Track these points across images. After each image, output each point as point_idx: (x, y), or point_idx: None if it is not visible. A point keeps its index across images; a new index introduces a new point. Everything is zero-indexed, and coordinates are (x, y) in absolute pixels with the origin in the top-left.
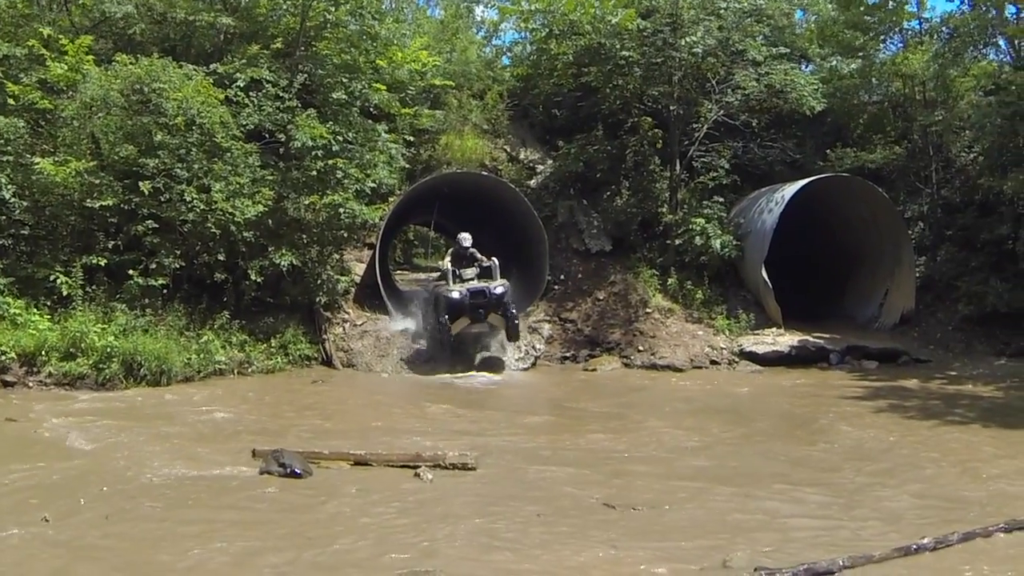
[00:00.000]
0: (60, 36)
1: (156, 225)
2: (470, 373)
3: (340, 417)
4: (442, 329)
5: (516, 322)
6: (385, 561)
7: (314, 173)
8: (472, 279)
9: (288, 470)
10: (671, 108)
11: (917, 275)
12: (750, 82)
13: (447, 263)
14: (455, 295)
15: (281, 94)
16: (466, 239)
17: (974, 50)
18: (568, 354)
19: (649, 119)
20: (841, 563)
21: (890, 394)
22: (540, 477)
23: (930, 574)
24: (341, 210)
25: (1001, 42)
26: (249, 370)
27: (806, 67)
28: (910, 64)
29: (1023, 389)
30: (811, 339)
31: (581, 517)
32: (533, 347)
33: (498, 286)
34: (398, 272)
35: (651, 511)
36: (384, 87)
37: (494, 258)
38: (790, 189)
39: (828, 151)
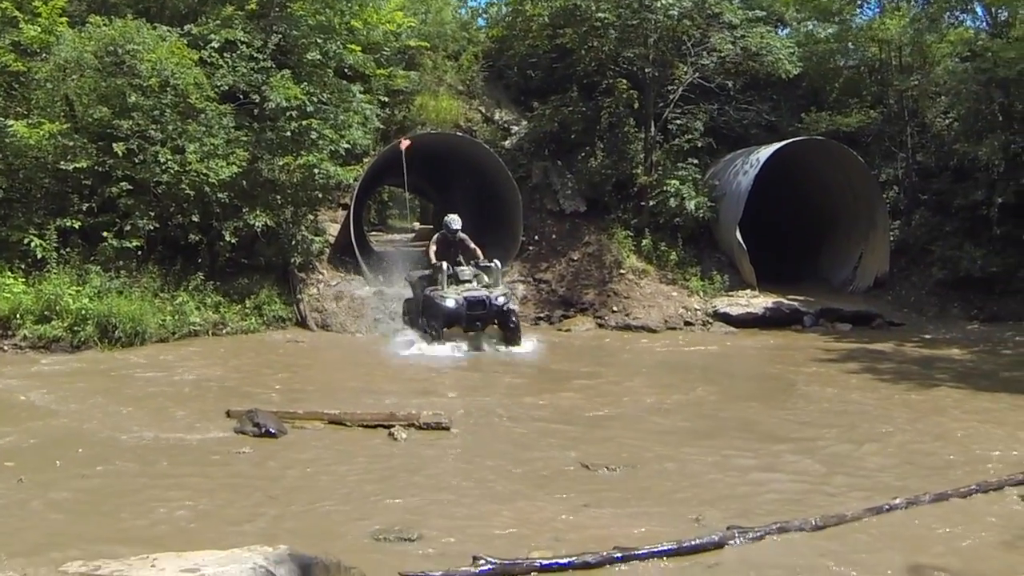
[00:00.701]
0: None
1: (130, 187)
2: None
3: (315, 377)
4: (432, 334)
5: (518, 332)
6: (358, 519)
7: (288, 134)
8: (469, 280)
9: (262, 430)
10: (646, 70)
11: (891, 239)
12: (726, 45)
13: (433, 253)
14: (451, 304)
15: (255, 55)
16: (454, 222)
17: (951, 16)
18: (542, 315)
19: (624, 81)
20: (814, 522)
21: (864, 357)
22: (515, 437)
23: (902, 533)
24: (315, 171)
25: (978, 8)
26: (224, 331)
27: (782, 31)
28: (887, 29)
29: (996, 353)
30: (785, 301)
31: (555, 476)
32: None
33: (500, 295)
34: (372, 233)
35: (626, 470)
36: (359, 48)
37: (496, 260)
38: (765, 152)
39: (803, 115)
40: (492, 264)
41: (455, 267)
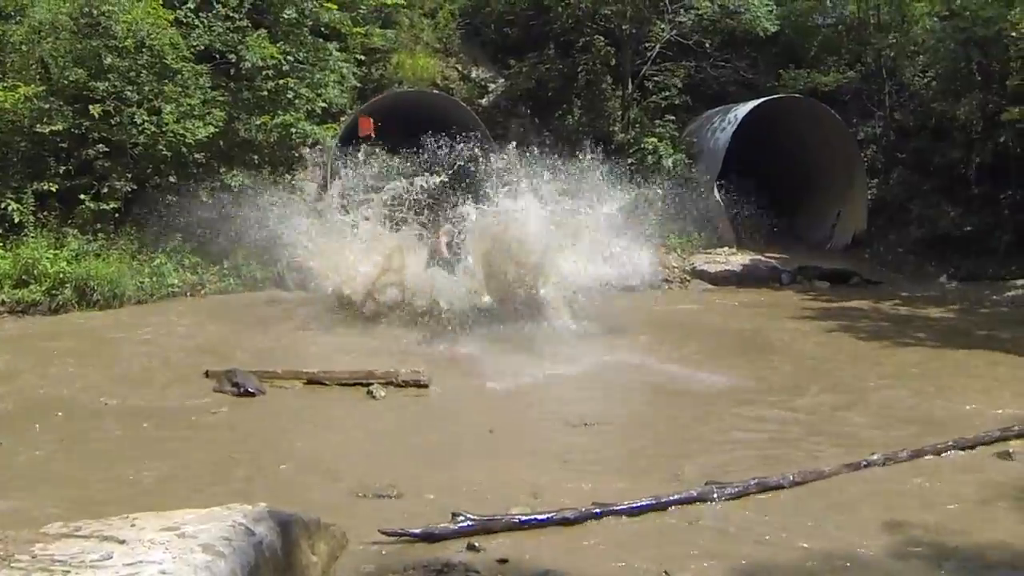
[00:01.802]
0: None
1: (107, 149)
2: None
3: (294, 336)
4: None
5: None
6: (336, 477)
7: (265, 93)
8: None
9: (241, 389)
10: (623, 27)
11: (869, 197)
12: (703, 2)
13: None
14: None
15: (231, 14)
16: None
17: None
18: None
19: (601, 38)
20: (792, 478)
21: (842, 315)
22: (493, 394)
23: (879, 488)
24: (292, 130)
25: None
26: (202, 292)
27: None
28: None
29: (973, 311)
30: (763, 259)
31: (534, 433)
32: None
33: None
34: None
35: (605, 426)
36: (335, 6)
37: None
38: (742, 109)
39: (781, 72)
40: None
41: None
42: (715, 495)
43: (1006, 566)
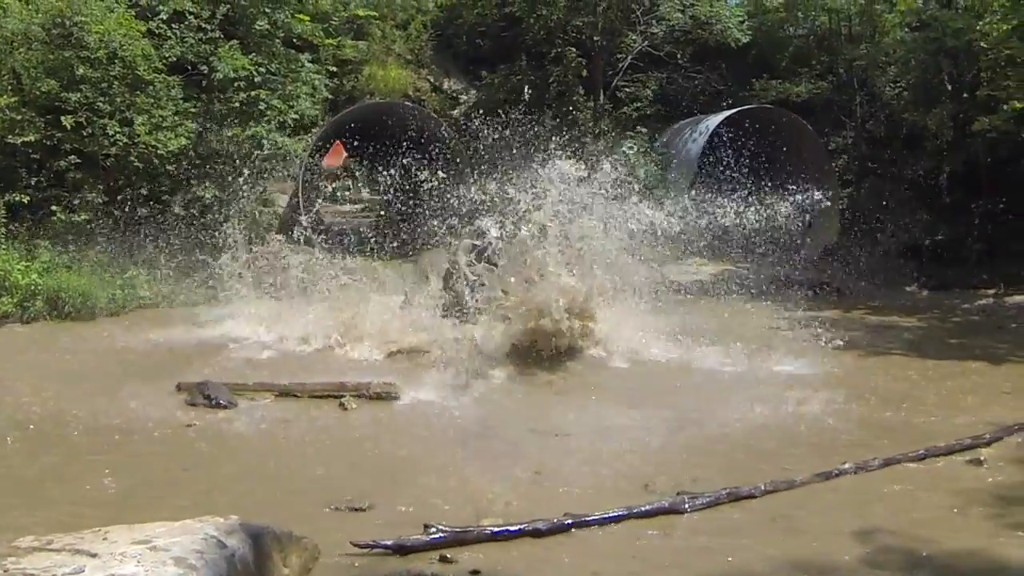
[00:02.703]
0: None
1: (79, 160)
2: None
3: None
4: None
5: None
6: (308, 489)
7: (236, 105)
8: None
9: (213, 402)
10: (595, 39)
11: (841, 207)
12: (675, 13)
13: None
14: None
15: (204, 25)
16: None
17: None
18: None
19: (573, 49)
20: (763, 487)
21: (813, 324)
22: (462, 405)
23: (850, 497)
24: (264, 142)
25: None
26: (174, 304)
27: (732, 0)
28: None
29: (944, 320)
30: (734, 269)
31: (505, 443)
32: None
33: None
34: (322, 203)
35: (577, 438)
36: (307, 17)
37: None
38: (714, 119)
39: (753, 83)
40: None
41: None
42: (687, 505)
43: (977, 573)
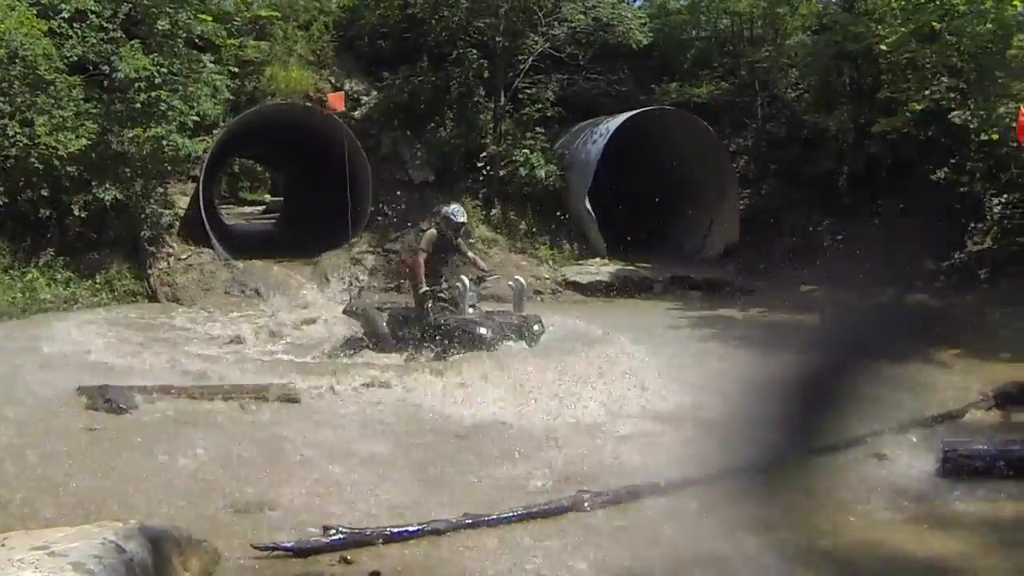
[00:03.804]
0: None
1: None
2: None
3: (168, 351)
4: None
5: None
6: (208, 492)
7: (138, 106)
8: (474, 305)
9: (113, 405)
10: (497, 40)
11: (741, 207)
12: (577, 15)
13: (422, 266)
14: (485, 332)
15: (105, 25)
16: (459, 214)
17: None
18: (391, 285)
19: (475, 51)
20: (662, 484)
21: (714, 323)
22: (367, 407)
23: (750, 494)
24: (165, 143)
25: None
26: (75, 307)
27: (634, 1)
28: (738, 1)
29: (844, 318)
30: (635, 269)
31: (408, 444)
32: (356, 278)
33: (536, 323)
34: (223, 206)
35: (480, 435)
36: (210, 17)
37: (519, 278)
38: (614, 121)
39: (654, 85)
40: (491, 274)
41: (447, 281)
42: (587, 503)
43: (876, 565)
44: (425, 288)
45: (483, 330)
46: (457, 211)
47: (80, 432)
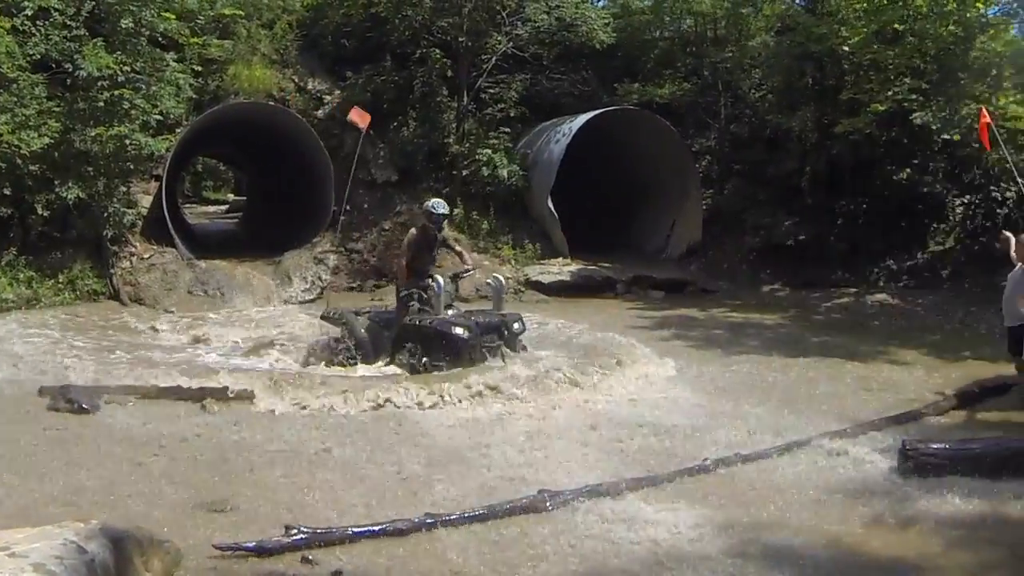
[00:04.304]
0: None
1: None
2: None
3: (129, 352)
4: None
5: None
6: (170, 492)
7: (101, 104)
8: (451, 303)
9: (76, 406)
10: (460, 39)
11: (704, 207)
12: (540, 15)
13: (405, 265)
14: (462, 332)
15: (69, 23)
16: (440, 206)
17: None
18: (354, 284)
19: (438, 50)
20: (625, 485)
21: (676, 323)
22: (322, 407)
23: (714, 492)
24: (128, 141)
25: None
26: (37, 307)
27: (598, 1)
28: (702, 2)
29: (806, 319)
30: (597, 269)
31: (370, 444)
32: (319, 278)
33: (515, 321)
34: (187, 205)
35: (444, 435)
36: (173, 16)
37: (499, 276)
38: (577, 121)
39: (617, 85)
40: (465, 273)
41: (429, 280)
42: (548, 504)
43: (838, 562)
44: (404, 291)
45: (459, 330)
46: (438, 204)
47: (40, 432)
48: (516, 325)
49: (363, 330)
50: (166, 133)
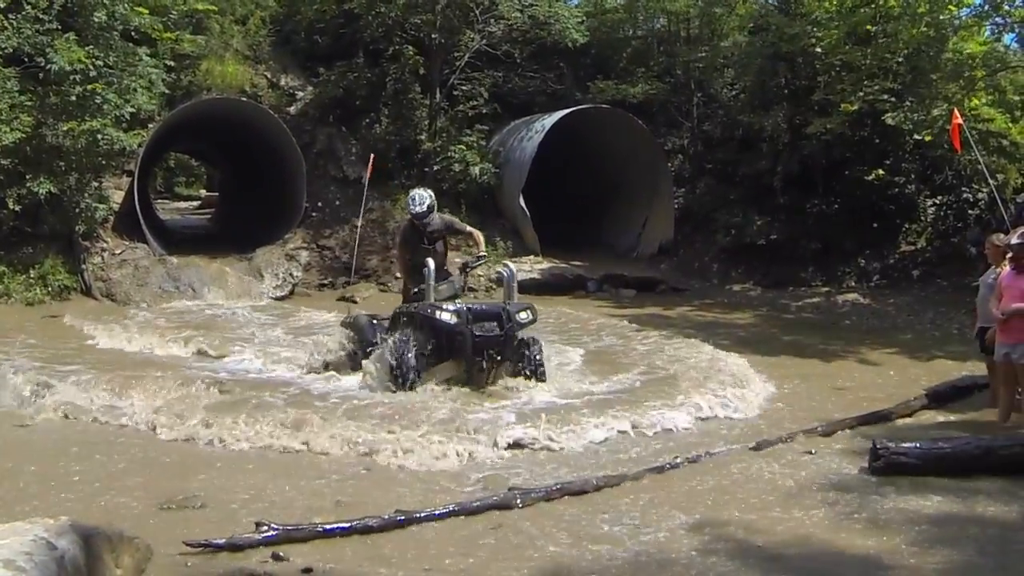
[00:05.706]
0: None
1: None
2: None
3: (92, 352)
4: (406, 373)
5: (542, 367)
6: (140, 491)
7: (73, 98)
8: (453, 295)
9: None
10: (433, 36)
11: (676, 206)
12: (513, 12)
13: (403, 263)
14: (448, 318)
15: (41, 16)
16: (414, 201)
17: None
18: (326, 281)
19: (411, 47)
20: (595, 482)
21: (647, 322)
22: (286, 403)
23: (685, 489)
24: (100, 136)
25: None
26: (8, 302)
27: (571, 0)
28: (676, 1)
29: (777, 318)
30: (569, 267)
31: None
32: (291, 274)
33: (522, 309)
34: (159, 200)
35: (415, 430)
36: (146, 10)
37: (510, 264)
38: (549, 119)
39: (590, 84)
40: (475, 263)
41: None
42: (518, 501)
43: (807, 560)
44: (414, 290)
45: (445, 316)
46: (413, 199)
47: (11, 429)
48: (522, 315)
49: (375, 335)
50: (138, 128)
